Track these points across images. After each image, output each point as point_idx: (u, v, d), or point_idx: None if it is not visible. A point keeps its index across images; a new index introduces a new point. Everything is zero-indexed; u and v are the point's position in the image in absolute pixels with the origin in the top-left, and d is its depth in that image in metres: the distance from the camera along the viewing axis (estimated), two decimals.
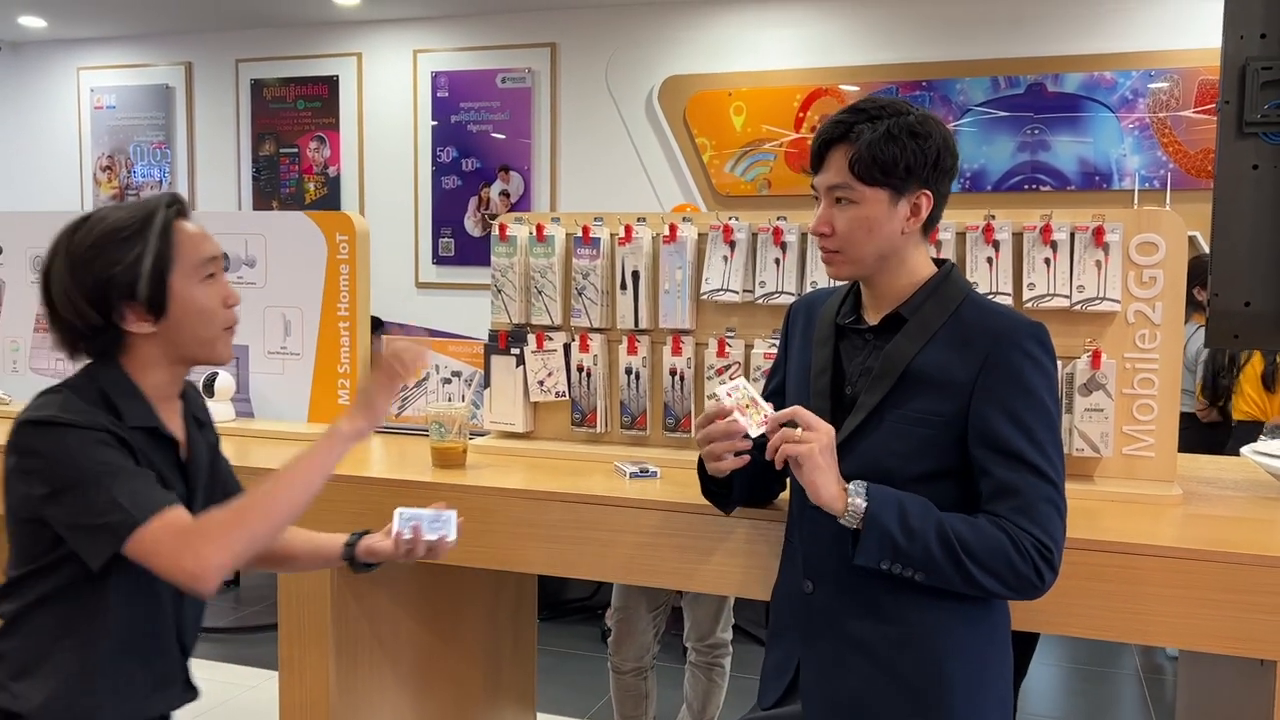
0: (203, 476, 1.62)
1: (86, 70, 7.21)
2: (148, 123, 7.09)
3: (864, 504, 1.46)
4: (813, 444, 1.47)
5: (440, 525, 1.67)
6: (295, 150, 6.78)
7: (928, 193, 1.54)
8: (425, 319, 6.06)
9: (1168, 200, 5.05)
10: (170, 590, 1.53)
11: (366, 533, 1.73)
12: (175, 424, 1.58)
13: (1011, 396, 1.49)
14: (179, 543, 1.38)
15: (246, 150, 6.90)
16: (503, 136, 6.23)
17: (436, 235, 6.39)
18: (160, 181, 7.08)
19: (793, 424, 1.50)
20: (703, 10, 5.85)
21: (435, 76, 6.35)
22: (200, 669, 1.68)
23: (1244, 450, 2.58)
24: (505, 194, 6.25)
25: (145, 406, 1.51)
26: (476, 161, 6.31)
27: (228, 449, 2.42)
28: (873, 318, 1.62)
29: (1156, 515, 1.88)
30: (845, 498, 1.47)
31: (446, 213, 6.37)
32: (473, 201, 6.30)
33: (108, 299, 1.46)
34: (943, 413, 1.51)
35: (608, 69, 6.02)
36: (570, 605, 4.78)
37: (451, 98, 6.33)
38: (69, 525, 1.43)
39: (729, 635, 3.02)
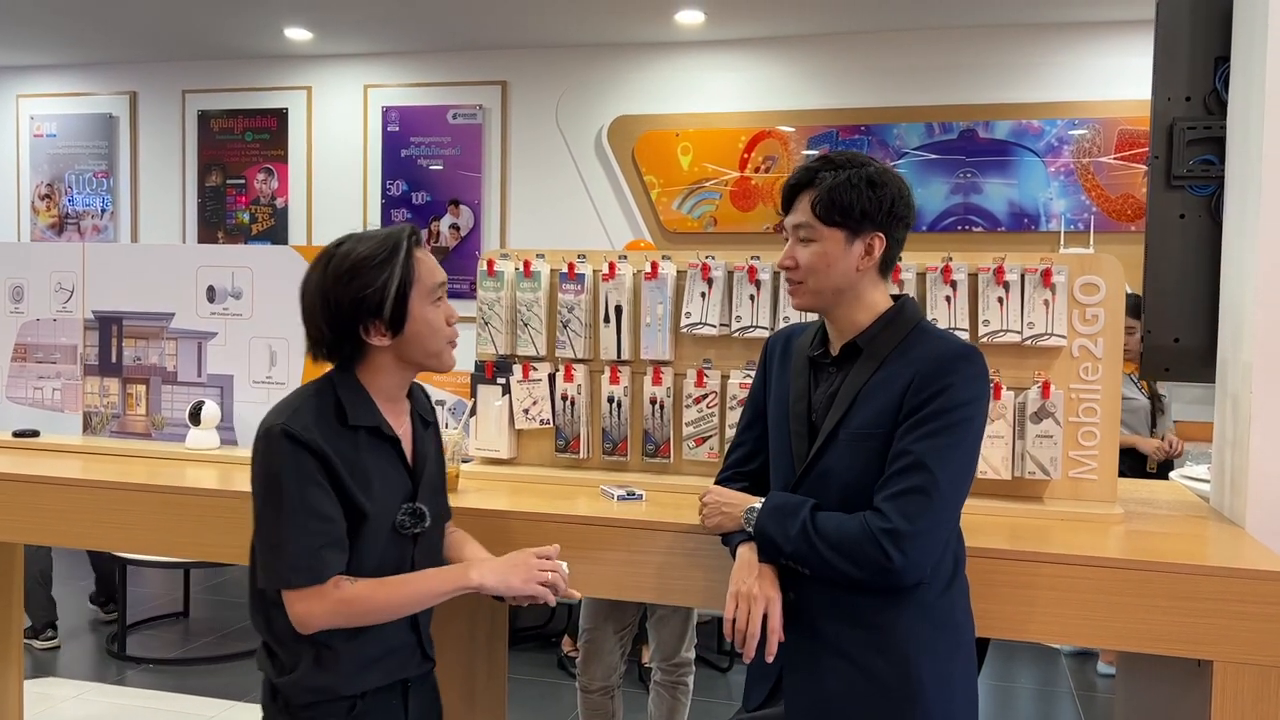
0: (427, 470, 1.78)
1: (26, 98, 7.13)
2: (89, 151, 7.04)
3: (754, 517, 1.74)
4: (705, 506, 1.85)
5: None
6: (242, 181, 6.79)
7: (881, 235, 1.72)
8: None
9: (1091, 242, 5.34)
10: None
11: None
12: (401, 422, 1.76)
13: (925, 404, 1.64)
14: (314, 603, 1.62)
15: (192, 180, 6.88)
16: (441, 167, 6.32)
17: None
18: (102, 210, 7.02)
19: None
20: (651, 53, 6.03)
21: (386, 111, 6.43)
22: (153, 700, 1.79)
23: (1173, 475, 2.80)
24: (455, 227, 6.34)
25: (371, 409, 1.69)
26: (427, 195, 6.40)
27: (212, 475, 2.48)
28: (835, 349, 1.78)
29: (1102, 531, 2.05)
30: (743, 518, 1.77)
31: None
32: (423, 234, 6.36)
33: (356, 317, 1.65)
34: (882, 424, 1.67)
35: (558, 107, 6.16)
36: (524, 633, 4.82)
37: (402, 132, 6.42)
38: (256, 535, 1.66)
39: (692, 655, 3.13)
